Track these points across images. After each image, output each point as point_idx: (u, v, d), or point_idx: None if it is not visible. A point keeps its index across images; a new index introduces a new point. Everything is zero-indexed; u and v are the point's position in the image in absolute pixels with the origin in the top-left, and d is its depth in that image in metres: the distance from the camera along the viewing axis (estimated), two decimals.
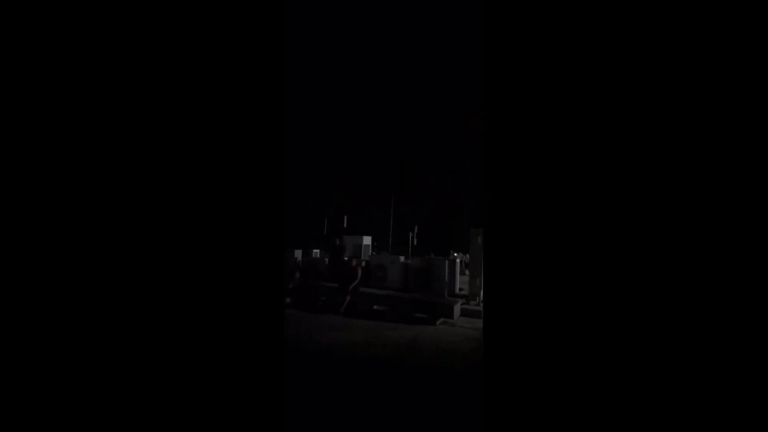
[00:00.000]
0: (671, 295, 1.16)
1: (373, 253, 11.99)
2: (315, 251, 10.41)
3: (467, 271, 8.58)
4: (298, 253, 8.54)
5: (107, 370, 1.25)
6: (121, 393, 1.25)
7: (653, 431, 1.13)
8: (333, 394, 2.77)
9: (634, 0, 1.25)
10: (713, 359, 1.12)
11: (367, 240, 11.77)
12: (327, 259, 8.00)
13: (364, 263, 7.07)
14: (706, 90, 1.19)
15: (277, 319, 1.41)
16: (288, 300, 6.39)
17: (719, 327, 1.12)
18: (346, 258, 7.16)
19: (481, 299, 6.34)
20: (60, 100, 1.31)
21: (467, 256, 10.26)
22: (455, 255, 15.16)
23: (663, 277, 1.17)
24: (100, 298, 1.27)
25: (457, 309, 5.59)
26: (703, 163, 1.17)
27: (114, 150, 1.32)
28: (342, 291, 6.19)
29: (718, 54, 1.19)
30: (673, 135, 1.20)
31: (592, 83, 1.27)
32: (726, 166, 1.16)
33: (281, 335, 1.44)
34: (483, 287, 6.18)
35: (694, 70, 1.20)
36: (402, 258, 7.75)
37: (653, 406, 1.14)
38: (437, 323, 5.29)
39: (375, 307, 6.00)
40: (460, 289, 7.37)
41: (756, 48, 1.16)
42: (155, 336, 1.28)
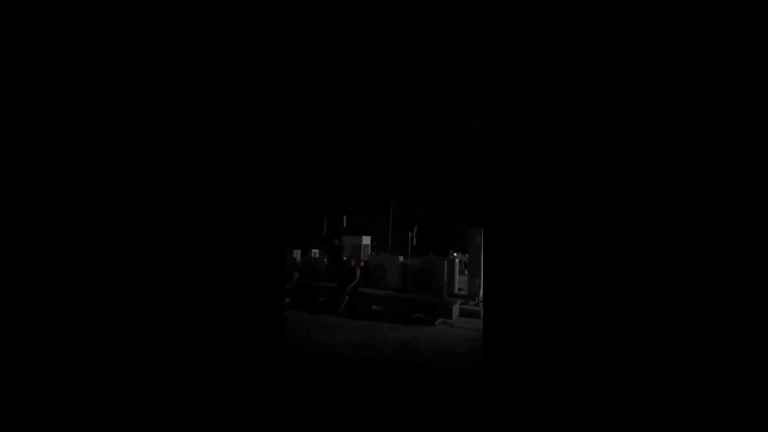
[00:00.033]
0: (671, 295, 1.16)
1: (372, 253, 11.97)
2: (314, 251, 10.39)
3: (466, 271, 8.58)
4: (297, 253, 8.54)
5: (107, 370, 1.25)
6: (122, 393, 1.25)
7: (653, 431, 1.12)
8: (331, 395, 2.75)
9: (633, 0, 1.25)
10: (713, 359, 1.11)
11: (367, 240, 11.75)
12: (326, 259, 8.00)
13: (363, 263, 7.07)
14: (705, 90, 1.19)
15: (277, 319, 1.41)
16: (287, 300, 6.38)
17: (719, 327, 1.12)
18: (344, 258, 7.15)
19: (480, 299, 6.34)
20: (60, 100, 1.30)
21: (466, 256, 10.26)
22: (455, 255, 15.18)
23: (662, 277, 1.17)
24: (100, 298, 1.26)
25: (456, 309, 5.57)
26: (702, 163, 1.17)
27: (114, 150, 1.32)
28: (341, 291, 6.18)
29: (717, 54, 1.18)
30: (673, 135, 1.20)
31: (591, 83, 1.27)
32: (725, 166, 1.16)
33: (281, 335, 1.44)
34: (483, 287, 6.17)
35: (693, 70, 1.20)
36: (401, 258, 7.75)
37: (653, 405, 1.13)
38: (436, 323, 5.28)
39: (374, 307, 6.00)
40: (459, 289, 7.37)
41: (755, 48, 1.15)
42: (155, 336, 1.28)
